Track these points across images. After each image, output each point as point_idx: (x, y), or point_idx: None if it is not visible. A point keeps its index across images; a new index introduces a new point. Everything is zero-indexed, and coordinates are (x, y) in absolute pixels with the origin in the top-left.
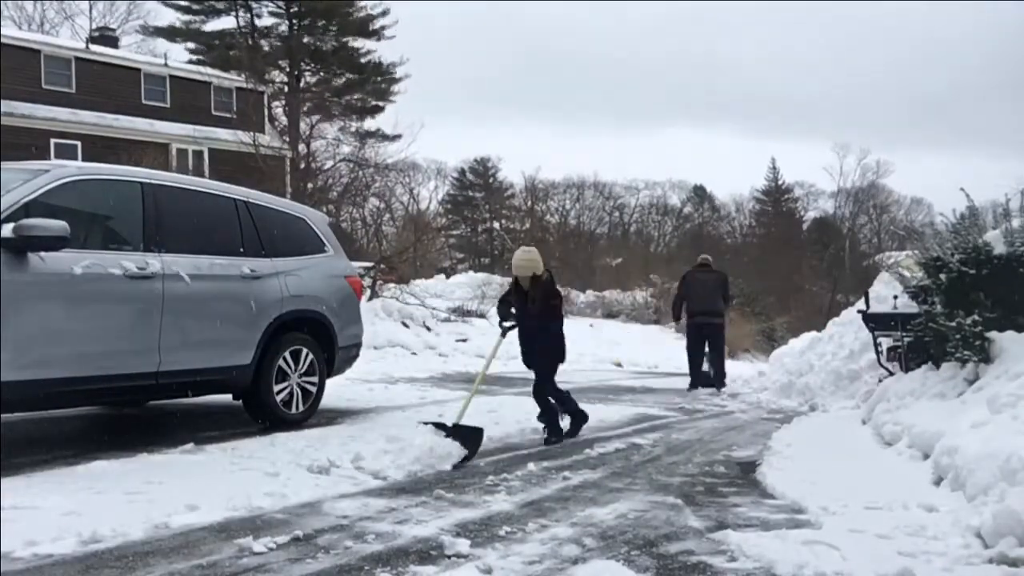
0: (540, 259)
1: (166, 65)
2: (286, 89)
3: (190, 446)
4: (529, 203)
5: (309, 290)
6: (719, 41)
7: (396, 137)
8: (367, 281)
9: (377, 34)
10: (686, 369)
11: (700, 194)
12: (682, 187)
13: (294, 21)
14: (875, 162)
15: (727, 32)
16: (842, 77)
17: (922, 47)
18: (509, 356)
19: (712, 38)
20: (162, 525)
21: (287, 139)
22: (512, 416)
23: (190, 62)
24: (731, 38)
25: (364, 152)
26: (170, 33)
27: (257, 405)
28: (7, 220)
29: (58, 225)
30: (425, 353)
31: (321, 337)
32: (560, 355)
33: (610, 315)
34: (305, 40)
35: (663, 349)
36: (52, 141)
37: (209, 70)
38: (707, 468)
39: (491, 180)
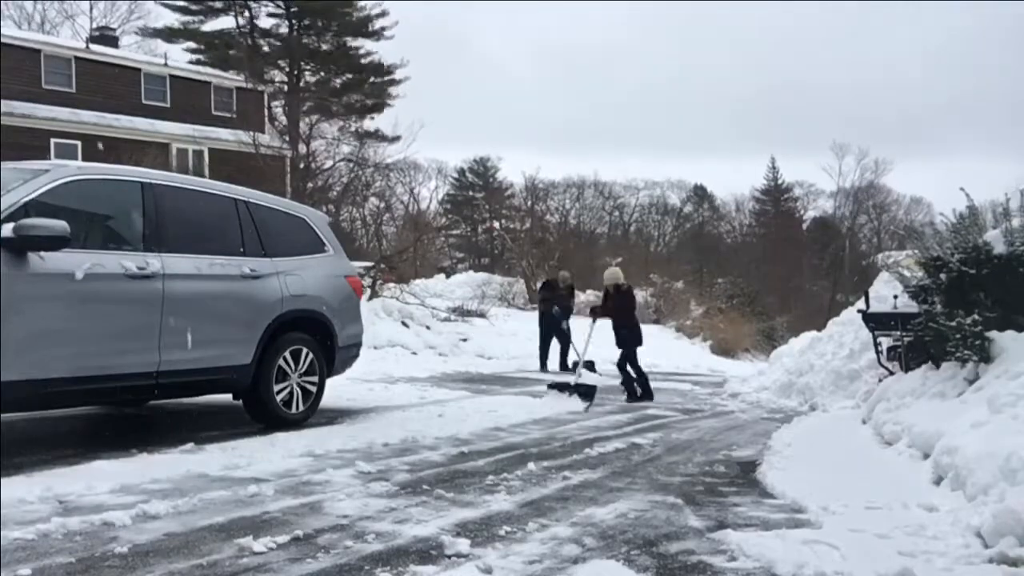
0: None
1: (166, 65)
2: (286, 89)
3: (190, 446)
4: (529, 203)
5: (309, 290)
6: (718, 40)
7: (395, 138)
8: (367, 281)
9: (377, 34)
10: (687, 369)
11: (700, 194)
12: (682, 187)
13: (293, 21)
14: (873, 161)
15: (725, 31)
16: (842, 77)
17: (924, 46)
18: (510, 356)
19: (712, 36)
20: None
21: (287, 139)
22: (513, 416)
23: (190, 62)
24: (730, 36)
25: (364, 152)
26: (169, 34)
27: (257, 405)
28: (7, 220)
29: (58, 225)
30: (425, 353)
31: (321, 337)
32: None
33: None
34: (304, 40)
35: (663, 349)
36: (52, 141)
37: (209, 70)
38: (707, 468)
39: (491, 180)
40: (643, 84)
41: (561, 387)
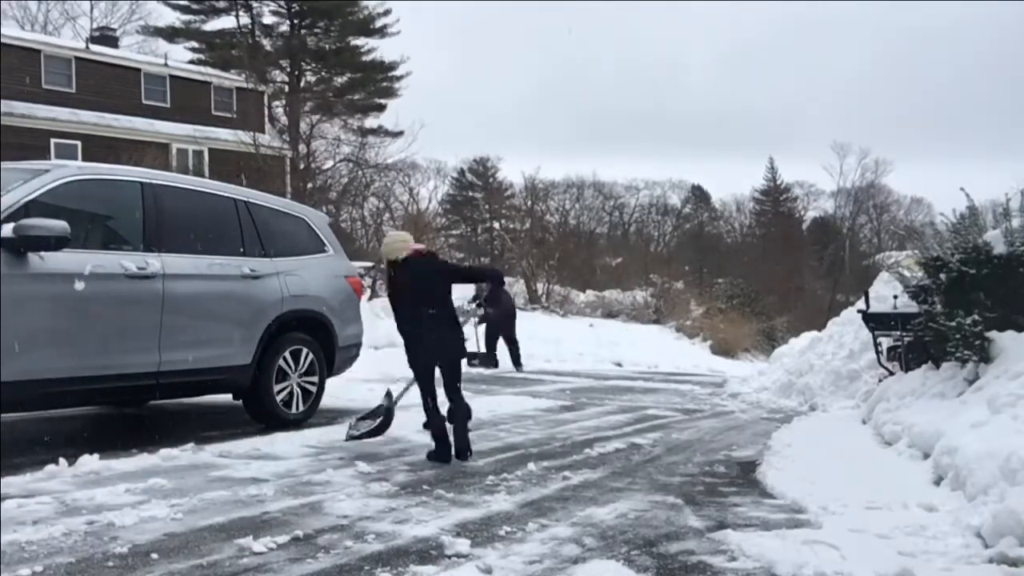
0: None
1: (166, 65)
2: (286, 89)
3: (190, 446)
4: (529, 203)
5: (309, 290)
6: (718, 39)
7: (398, 134)
8: (367, 281)
9: (380, 32)
10: (687, 369)
11: (699, 194)
12: (682, 187)
13: (295, 20)
14: (874, 161)
15: (725, 30)
16: (841, 77)
17: (921, 45)
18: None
19: (711, 35)
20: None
21: (287, 139)
22: (511, 415)
23: (191, 62)
24: (730, 36)
25: (364, 152)
26: (170, 33)
27: (257, 405)
28: (7, 220)
29: (58, 225)
30: None
31: (321, 337)
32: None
33: (610, 315)
34: (306, 40)
35: (663, 349)
36: (52, 141)
37: (209, 70)
38: (707, 468)
39: (490, 180)
40: (643, 83)
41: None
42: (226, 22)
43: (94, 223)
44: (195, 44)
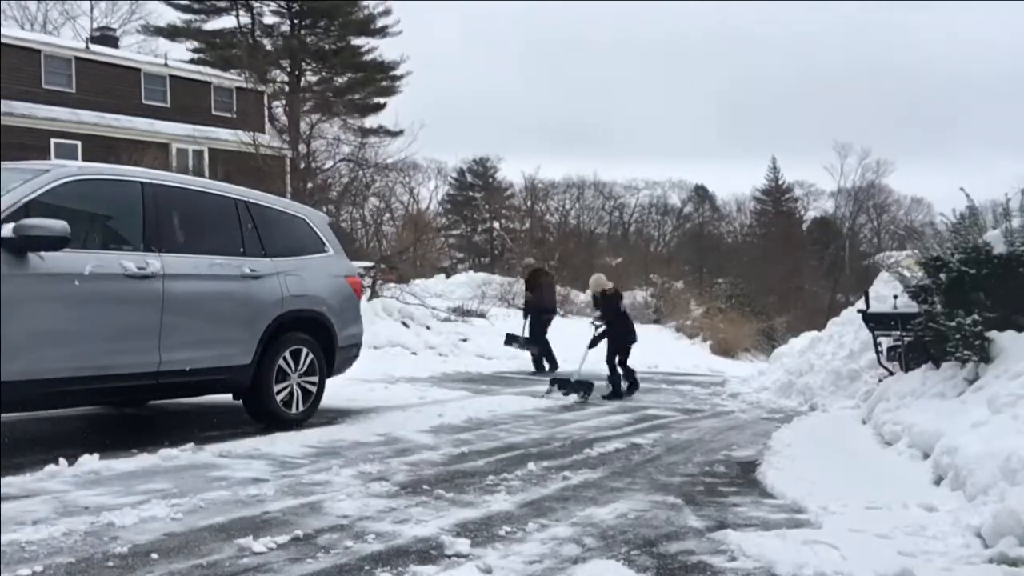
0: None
1: (166, 65)
2: (286, 89)
3: (190, 446)
4: (529, 203)
5: (309, 290)
6: (719, 39)
7: (398, 133)
8: (367, 281)
9: (381, 32)
10: (687, 369)
11: (700, 194)
12: (682, 187)
13: (295, 20)
14: (875, 162)
15: (725, 30)
16: (842, 76)
17: (922, 46)
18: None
19: (713, 36)
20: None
21: (287, 139)
22: (511, 415)
23: (191, 61)
24: (731, 36)
25: (364, 151)
26: (171, 32)
27: (257, 405)
28: (7, 220)
29: (58, 225)
30: (425, 353)
31: (321, 337)
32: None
33: None
34: (307, 39)
35: (663, 349)
36: (52, 141)
37: (209, 70)
38: (707, 468)
39: (491, 180)
40: (644, 83)
41: (562, 383)
42: (226, 22)
43: (94, 223)
44: (195, 44)
